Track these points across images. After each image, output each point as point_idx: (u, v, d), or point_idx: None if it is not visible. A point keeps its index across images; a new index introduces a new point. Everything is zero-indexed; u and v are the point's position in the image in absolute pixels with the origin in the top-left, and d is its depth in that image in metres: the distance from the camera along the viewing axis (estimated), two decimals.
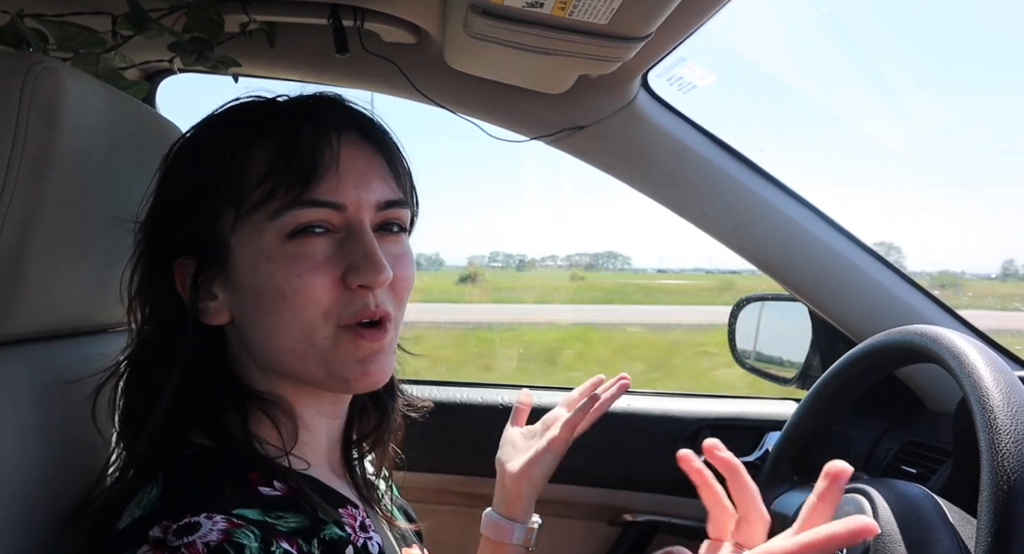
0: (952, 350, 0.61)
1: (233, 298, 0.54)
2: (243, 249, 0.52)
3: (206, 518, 0.44)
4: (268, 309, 0.52)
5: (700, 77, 0.99)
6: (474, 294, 14.17)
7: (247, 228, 0.52)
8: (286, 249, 0.51)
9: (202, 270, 0.53)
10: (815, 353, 1.18)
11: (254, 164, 0.52)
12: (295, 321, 0.51)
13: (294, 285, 0.51)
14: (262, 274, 0.51)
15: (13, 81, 0.52)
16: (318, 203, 0.51)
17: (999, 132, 75.74)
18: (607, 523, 1.22)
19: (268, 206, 0.51)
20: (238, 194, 0.51)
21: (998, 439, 0.51)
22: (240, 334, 0.55)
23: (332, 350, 0.53)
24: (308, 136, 0.52)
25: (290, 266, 0.51)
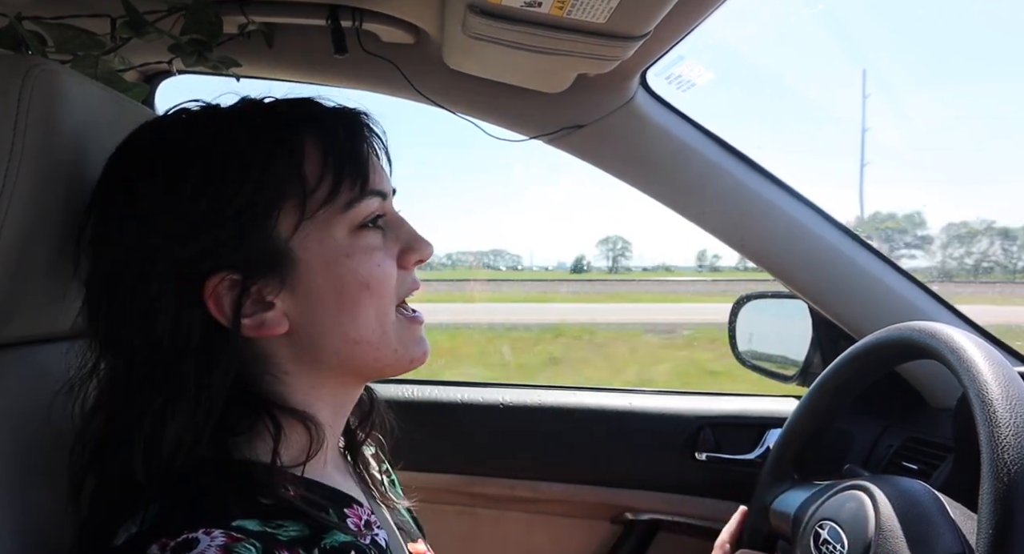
0: (951, 346, 0.61)
1: (298, 303, 0.51)
2: (312, 250, 0.51)
3: (204, 534, 0.43)
4: (348, 303, 0.52)
5: (698, 75, 1.00)
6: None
7: (313, 228, 0.51)
8: (358, 242, 0.53)
9: (251, 283, 0.50)
10: (815, 350, 1.18)
11: (310, 163, 0.51)
12: (374, 309, 0.53)
13: (376, 274, 0.53)
14: (342, 269, 0.52)
15: (12, 84, 0.52)
16: (376, 193, 0.53)
17: (996, 129, 75.79)
18: (609, 521, 1.22)
19: (335, 203, 0.51)
20: (300, 195, 0.50)
21: (998, 432, 0.51)
22: (300, 341, 0.53)
23: (398, 333, 0.56)
24: (346, 131, 0.54)
25: (369, 257, 0.53)
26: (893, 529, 0.63)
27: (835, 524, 0.70)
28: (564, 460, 1.19)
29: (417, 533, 0.69)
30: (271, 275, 0.50)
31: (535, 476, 1.20)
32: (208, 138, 0.51)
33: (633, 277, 25.09)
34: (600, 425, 1.19)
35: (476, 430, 1.22)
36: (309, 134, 0.52)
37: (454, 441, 1.22)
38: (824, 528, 0.71)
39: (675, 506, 1.17)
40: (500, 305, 12.87)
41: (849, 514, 0.69)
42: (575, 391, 1.25)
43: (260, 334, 0.51)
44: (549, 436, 1.19)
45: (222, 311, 0.50)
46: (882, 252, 1.07)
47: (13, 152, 0.52)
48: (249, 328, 0.50)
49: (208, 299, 0.49)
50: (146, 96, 1.09)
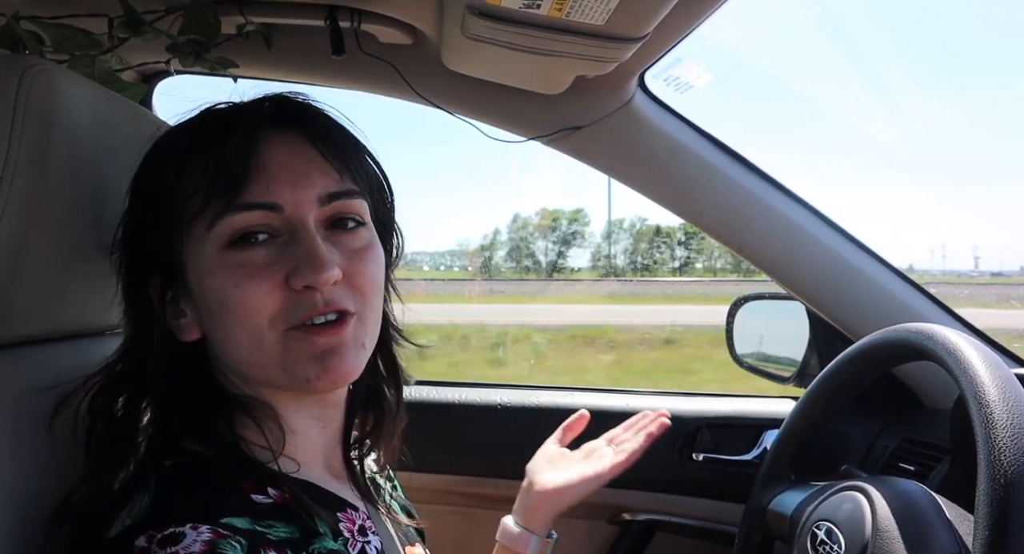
0: (948, 347, 0.61)
1: (196, 314, 0.54)
2: (191, 265, 0.53)
3: (191, 528, 0.44)
4: (216, 322, 0.52)
5: (696, 77, 1.00)
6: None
7: (192, 243, 0.52)
8: (225, 260, 0.50)
9: (167, 288, 0.54)
10: (812, 351, 1.18)
11: (188, 178, 0.51)
12: (242, 330, 0.51)
13: (233, 295, 0.50)
14: (206, 288, 0.51)
15: (9, 83, 0.52)
16: (251, 206, 0.50)
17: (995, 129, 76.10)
18: (606, 522, 1.22)
19: (203, 217, 0.50)
20: (178, 210, 0.51)
21: (994, 434, 0.52)
22: (210, 347, 0.56)
23: (284, 353, 0.51)
24: (236, 142, 0.51)
25: (228, 276, 0.50)
26: (890, 530, 0.63)
27: (832, 525, 0.70)
28: None
29: (415, 537, 0.69)
30: (177, 284, 0.54)
31: None
32: (151, 150, 0.57)
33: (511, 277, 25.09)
34: (598, 426, 1.19)
35: (474, 431, 1.22)
36: (199, 147, 0.52)
37: (452, 442, 1.22)
38: (821, 529, 0.71)
39: (673, 507, 1.17)
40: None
41: (846, 515, 0.69)
42: (573, 392, 1.25)
43: (181, 338, 0.55)
44: (547, 437, 1.19)
45: (157, 309, 0.55)
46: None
47: (10, 152, 0.52)
48: (175, 330, 0.55)
49: (152, 295, 0.55)
50: (143, 96, 1.09)
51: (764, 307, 1.27)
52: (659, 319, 10.37)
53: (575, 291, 18.83)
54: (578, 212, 26.81)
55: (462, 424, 1.22)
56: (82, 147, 0.57)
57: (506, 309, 13.09)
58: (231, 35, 0.92)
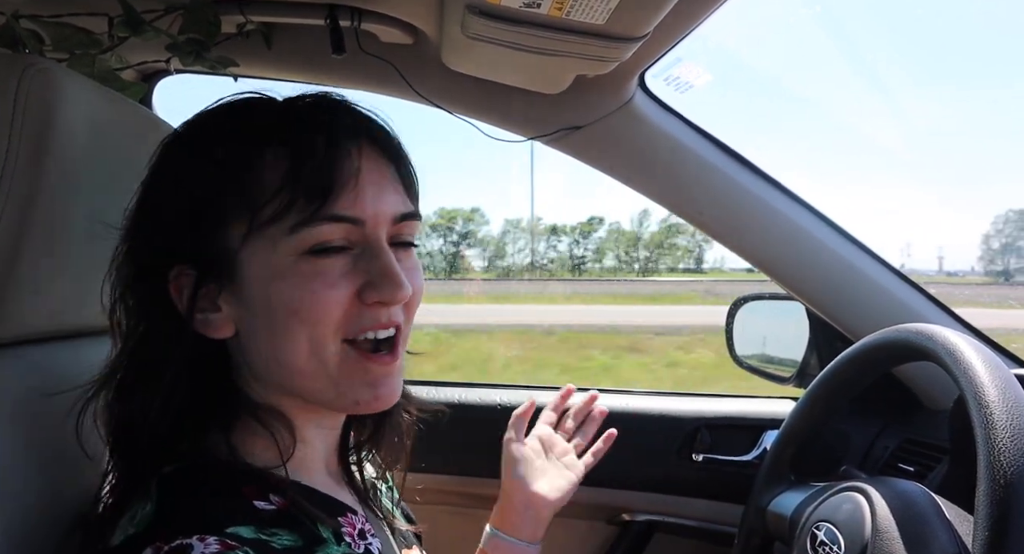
0: (948, 348, 0.61)
1: (240, 312, 0.51)
2: (254, 265, 0.50)
3: (198, 540, 0.43)
4: (279, 327, 0.50)
5: (697, 77, 1.00)
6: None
7: (259, 242, 0.49)
8: (301, 267, 0.49)
9: (203, 282, 0.51)
10: (812, 352, 1.18)
11: (268, 173, 0.49)
12: (306, 338, 0.50)
13: (307, 302, 0.49)
14: (274, 291, 0.49)
15: (8, 82, 0.52)
16: (338, 218, 0.49)
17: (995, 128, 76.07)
18: (605, 522, 1.22)
19: (284, 221, 0.48)
20: (250, 206, 0.48)
21: (994, 435, 0.52)
22: (243, 348, 0.53)
23: (340, 370, 0.51)
24: (326, 146, 0.49)
25: (304, 282, 0.49)
26: (889, 530, 0.63)
27: (832, 525, 0.70)
28: None
29: (412, 539, 0.69)
30: (220, 279, 0.51)
31: None
32: (199, 129, 0.54)
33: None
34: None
35: (473, 431, 1.22)
36: (280, 142, 0.50)
37: (450, 442, 1.21)
38: (821, 529, 0.71)
39: (672, 507, 1.17)
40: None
41: (846, 515, 0.69)
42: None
43: (207, 333, 0.52)
44: None
45: (180, 301, 0.51)
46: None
47: (10, 150, 0.51)
48: (199, 324, 0.52)
49: (171, 287, 0.51)
50: (143, 95, 1.09)
51: (764, 307, 1.27)
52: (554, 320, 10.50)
53: (471, 291, 18.81)
54: (474, 212, 26.69)
55: (461, 424, 1.22)
56: (82, 146, 0.57)
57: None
58: (231, 34, 0.92)
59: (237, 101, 0.54)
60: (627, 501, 1.19)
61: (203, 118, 0.54)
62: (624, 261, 18.68)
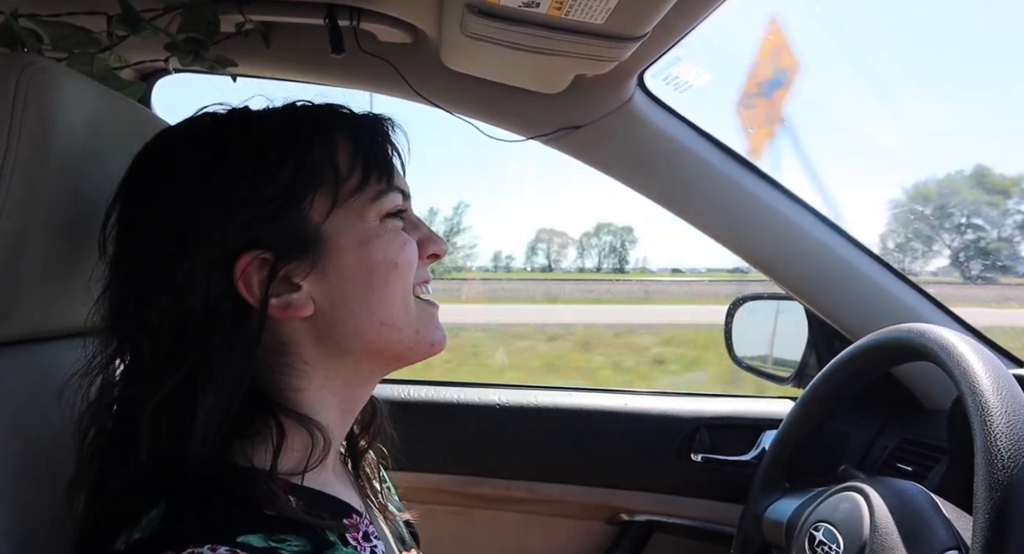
0: (947, 348, 0.61)
1: (326, 285, 0.53)
2: (344, 233, 0.54)
3: (210, 550, 0.43)
4: (377, 282, 0.54)
5: (696, 76, 1.00)
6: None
7: (345, 214, 0.54)
8: (387, 226, 0.56)
9: (281, 264, 0.51)
10: (811, 352, 1.18)
11: (342, 155, 0.55)
12: (401, 289, 0.56)
13: (405, 253, 0.56)
14: (373, 248, 0.54)
15: (7, 81, 0.52)
16: (400, 190, 0.57)
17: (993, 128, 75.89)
18: (604, 522, 1.22)
19: (365, 192, 0.55)
20: (334, 183, 0.53)
21: (992, 435, 0.52)
22: (324, 325, 0.54)
23: (419, 317, 0.58)
24: (374, 133, 0.57)
25: (396, 238, 0.56)
26: (888, 530, 0.63)
27: (830, 525, 0.70)
28: (560, 461, 1.19)
29: (411, 542, 0.69)
30: (302, 257, 0.52)
31: (531, 477, 1.20)
32: (250, 123, 0.55)
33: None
34: (596, 426, 1.19)
35: (472, 430, 1.22)
36: (341, 130, 0.56)
37: (450, 442, 1.22)
38: (819, 530, 0.71)
39: (671, 507, 1.17)
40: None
41: (844, 515, 0.69)
42: (571, 392, 1.25)
43: (286, 315, 0.52)
44: (545, 437, 1.19)
45: (251, 290, 0.51)
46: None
47: (8, 150, 0.51)
48: (276, 308, 0.52)
49: (238, 277, 0.50)
50: (142, 94, 1.08)
51: (763, 307, 1.27)
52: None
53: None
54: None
55: (460, 424, 1.22)
56: (81, 145, 0.57)
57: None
58: (230, 33, 0.91)
59: (284, 104, 0.57)
60: (626, 501, 1.19)
61: (255, 115, 0.55)
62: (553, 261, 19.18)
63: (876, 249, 1.05)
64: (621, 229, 20.88)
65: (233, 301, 0.51)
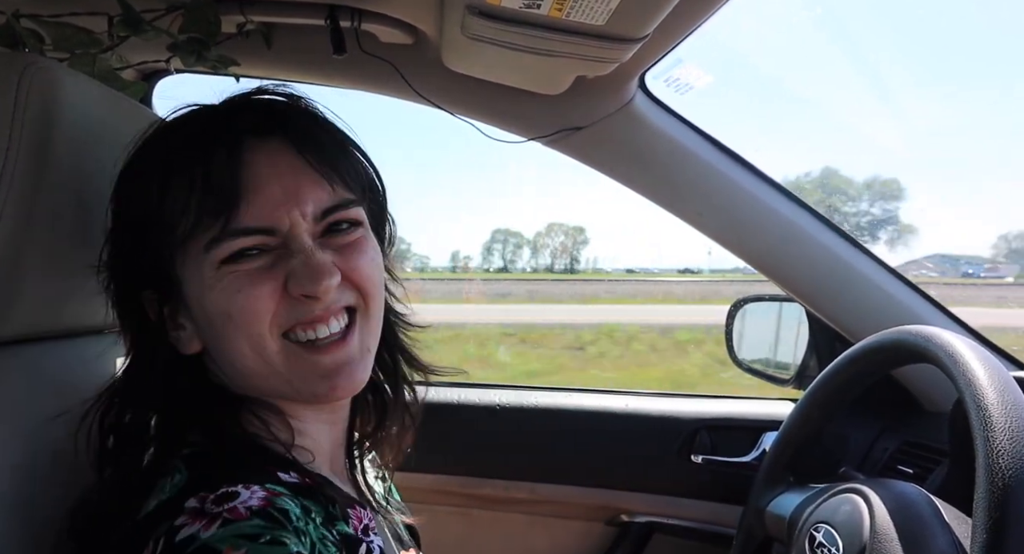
0: (947, 350, 0.61)
1: (196, 327, 0.54)
2: (189, 281, 0.52)
3: (244, 488, 0.45)
4: (220, 334, 0.51)
5: (697, 78, 1.00)
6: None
7: (187, 260, 0.51)
8: (223, 274, 0.50)
9: (164, 303, 0.54)
10: (812, 354, 1.18)
11: (173, 197, 0.50)
12: (245, 339, 0.50)
13: (238, 303, 0.49)
14: (207, 301, 0.50)
15: (9, 81, 0.52)
16: (249, 231, 0.49)
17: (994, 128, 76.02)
18: (604, 523, 1.22)
19: (198, 240, 0.49)
20: (167, 230, 0.50)
21: (993, 437, 0.52)
22: (212, 360, 0.56)
23: (288, 366, 0.51)
24: (221, 159, 0.49)
25: (231, 288, 0.49)
26: (888, 532, 0.63)
27: (830, 527, 0.70)
28: (560, 462, 1.19)
29: (410, 542, 0.69)
30: (175, 299, 0.54)
31: (531, 478, 1.20)
32: (130, 158, 0.55)
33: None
34: (597, 427, 1.19)
35: (472, 431, 1.22)
36: (182, 165, 0.50)
37: (450, 442, 1.22)
38: (819, 531, 0.71)
39: (671, 508, 1.17)
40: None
41: (844, 517, 0.69)
42: (571, 393, 1.25)
43: (183, 351, 0.55)
44: (545, 438, 1.19)
45: (154, 321, 0.55)
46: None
47: (10, 149, 0.51)
48: (173, 340, 0.55)
49: (148, 309, 0.55)
50: (143, 94, 1.09)
51: (763, 309, 1.27)
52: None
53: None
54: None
55: (460, 424, 1.22)
56: (83, 145, 0.57)
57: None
58: (231, 34, 0.92)
59: (157, 127, 0.55)
60: (626, 502, 1.19)
61: (135, 148, 0.55)
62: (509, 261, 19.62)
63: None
64: (572, 229, 21.13)
65: (150, 329, 0.55)
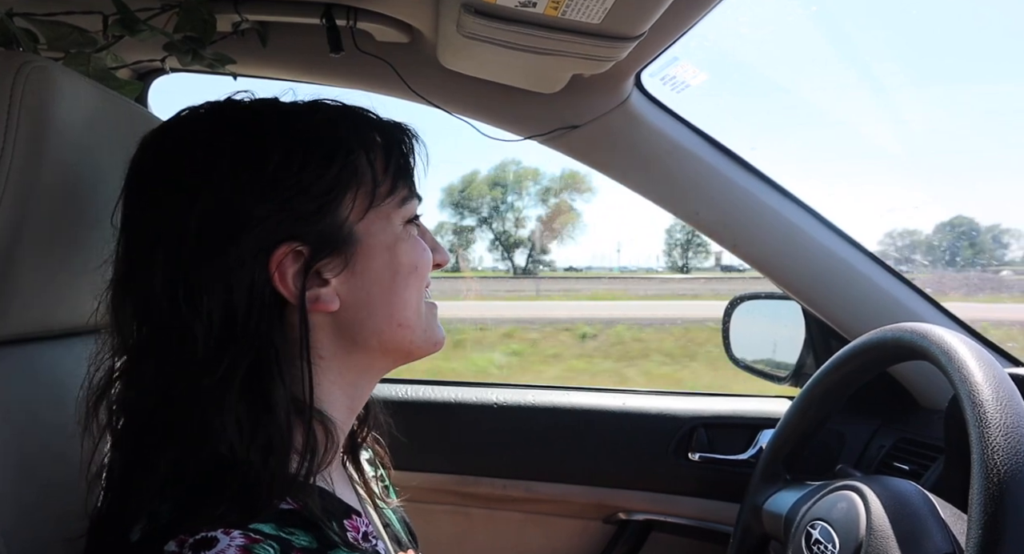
0: (942, 347, 0.61)
1: (353, 283, 0.55)
2: (375, 235, 0.56)
3: (223, 533, 0.43)
4: (399, 284, 0.57)
5: (693, 76, 1.00)
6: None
7: (376, 216, 0.56)
8: (410, 232, 0.59)
9: (316, 258, 0.52)
10: (808, 351, 1.18)
11: (378, 159, 0.57)
12: (417, 291, 0.59)
13: (424, 258, 0.59)
14: (399, 252, 0.57)
15: (4, 80, 0.52)
16: (419, 196, 0.61)
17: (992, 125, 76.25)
18: (602, 522, 1.23)
19: (395, 197, 0.57)
20: (371, 186, 0.56)
21: (988, 434, 0.52)
22: (345, 321, 0.55)
23: (427, 318, 0.61)
24: (402, 139, 0.59)
25: (417, 244, 0.59)
26: (884, 529, 0.63)
27: (826, 524, 0.70)
28: (557, 460, 1.19)
29: (408, 542, 0.69)
30: (335, 254, 0.54)
31: (528, 476, 1.20)
32: (290, 118, 0.55)
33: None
34: (593, 425, 1.19)
35: (469, 430, 1.22)
36: (376, 134, 0.58)
37: (447, 441, 1.22)
38: (815, 528, 0.72)
39: (668, 506, 1.18)
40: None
41: (840, 514, 0.69)
42: (568, 391, 1.25)
43: (313, 308, 0.53)
44: (542, 436, 1.20)
45: (284, 281, 0.51)
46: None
47: (5, 149, 0.51)
48: (309, 301, 0.53)
49: (274, 269, 0.51)
50: (139, 94, 1.08)
51: (760, 307, 1.27)
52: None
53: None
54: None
55: (457, 423, 1.22)
56: (78, 144, 0.57)
57: None
58: (227, 33, 0.91)
59: (312, 101, 0.58)
60: (623, 500, 1.19)
61: (291, 109, 0.55)
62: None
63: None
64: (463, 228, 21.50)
65: (271, 292, 0.51)
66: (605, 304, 12.13)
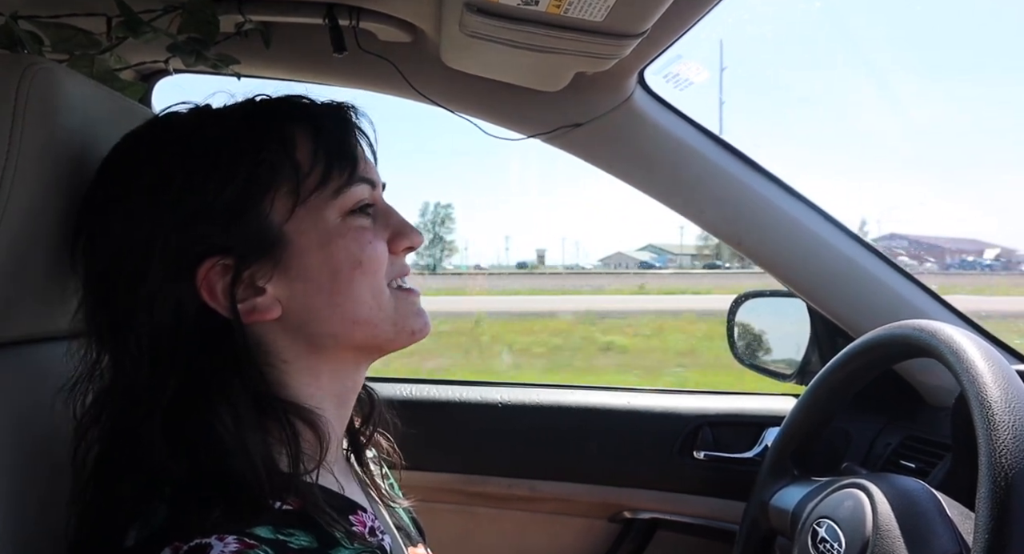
0: (950, 345, 0.61)
1: (291, 287, 0.52)
2: (306, 233, 0.53)
3: (217, 539, 0.43)
4: (343, 283, 0.53)
5: (696, 73, 0.99)
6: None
7: (306, 213, 0.53)
8: (350, 224, 0.54)
9: (243, 268, 0.51)
10: (814, 349, 1.18)
11: (300, 151, 0.53)
12: (369, 287, 0.54)
13: (368, 252, 0.54)
14: (336, 249, 0.53)
15: (9, 83, 0.52)
16: (365, 180, 0.55)
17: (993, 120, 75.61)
18: (607, 520, 1.22)
19: (327, 188, 0.53)
20: (294, 181, 0.52)
21: (996, 434, 0.52)
22: (294, 325, 0.53)
23: (395, 309, 0.57)
24: (334, 123, 0.56)
25: (360, 237, 0.54)
26: (890, 528, 0.63)
27: (833, 522, 0.70)
28: (562, 459, 1.19)
29: (417, 537, 0.69)
30: (264, 260, 0.52)
31: (533, 475, 1.20)
32: (206, 122, 0.54)
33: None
34: (598, 424, 1.19)
35: (474, 429, 1.22)
36: (298, 124, 0.54)
37: (452, 440, 1.22)
38: (822, 526, 0.71)
39: (674, 505, 1.17)
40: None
41: (847, 512, 0.69)
42: (573, 390, 1.25)
43: (252, 320, 0.52)
44: (547, 435, 1.20)
45: (215, 297, 0.50)
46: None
47: (11, 151, 0.51)
48: (242, 313, 0.51)
49: (200, 285, 0.50)
50: (143, 95, 1.09)
51: (765, 304, 1.27)
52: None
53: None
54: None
55: (462, 422, 1.22)
56: (83, 146, 0.57)
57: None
58: (230, 34, 0.91)
59: (243, 100, 0.56)
60: (629, 499, 1.19)
61: (213, 113, 0.55)
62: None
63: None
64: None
65: (200, 312, 0.50)
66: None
